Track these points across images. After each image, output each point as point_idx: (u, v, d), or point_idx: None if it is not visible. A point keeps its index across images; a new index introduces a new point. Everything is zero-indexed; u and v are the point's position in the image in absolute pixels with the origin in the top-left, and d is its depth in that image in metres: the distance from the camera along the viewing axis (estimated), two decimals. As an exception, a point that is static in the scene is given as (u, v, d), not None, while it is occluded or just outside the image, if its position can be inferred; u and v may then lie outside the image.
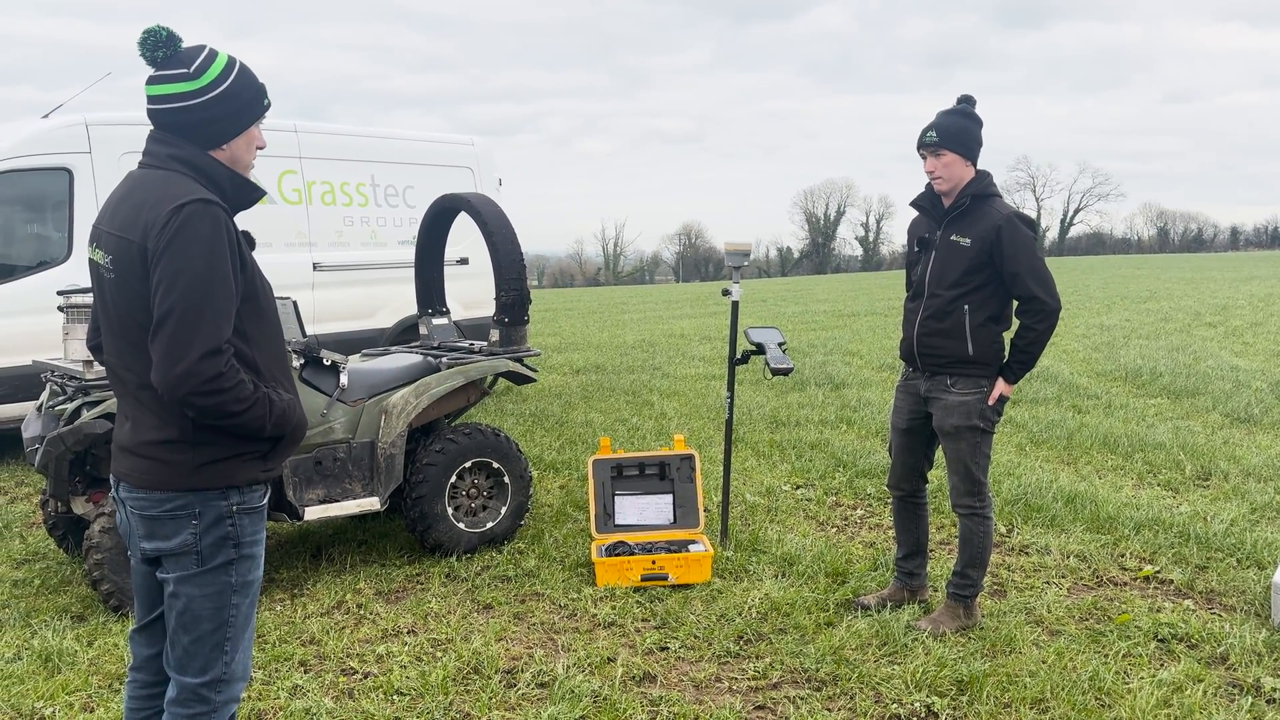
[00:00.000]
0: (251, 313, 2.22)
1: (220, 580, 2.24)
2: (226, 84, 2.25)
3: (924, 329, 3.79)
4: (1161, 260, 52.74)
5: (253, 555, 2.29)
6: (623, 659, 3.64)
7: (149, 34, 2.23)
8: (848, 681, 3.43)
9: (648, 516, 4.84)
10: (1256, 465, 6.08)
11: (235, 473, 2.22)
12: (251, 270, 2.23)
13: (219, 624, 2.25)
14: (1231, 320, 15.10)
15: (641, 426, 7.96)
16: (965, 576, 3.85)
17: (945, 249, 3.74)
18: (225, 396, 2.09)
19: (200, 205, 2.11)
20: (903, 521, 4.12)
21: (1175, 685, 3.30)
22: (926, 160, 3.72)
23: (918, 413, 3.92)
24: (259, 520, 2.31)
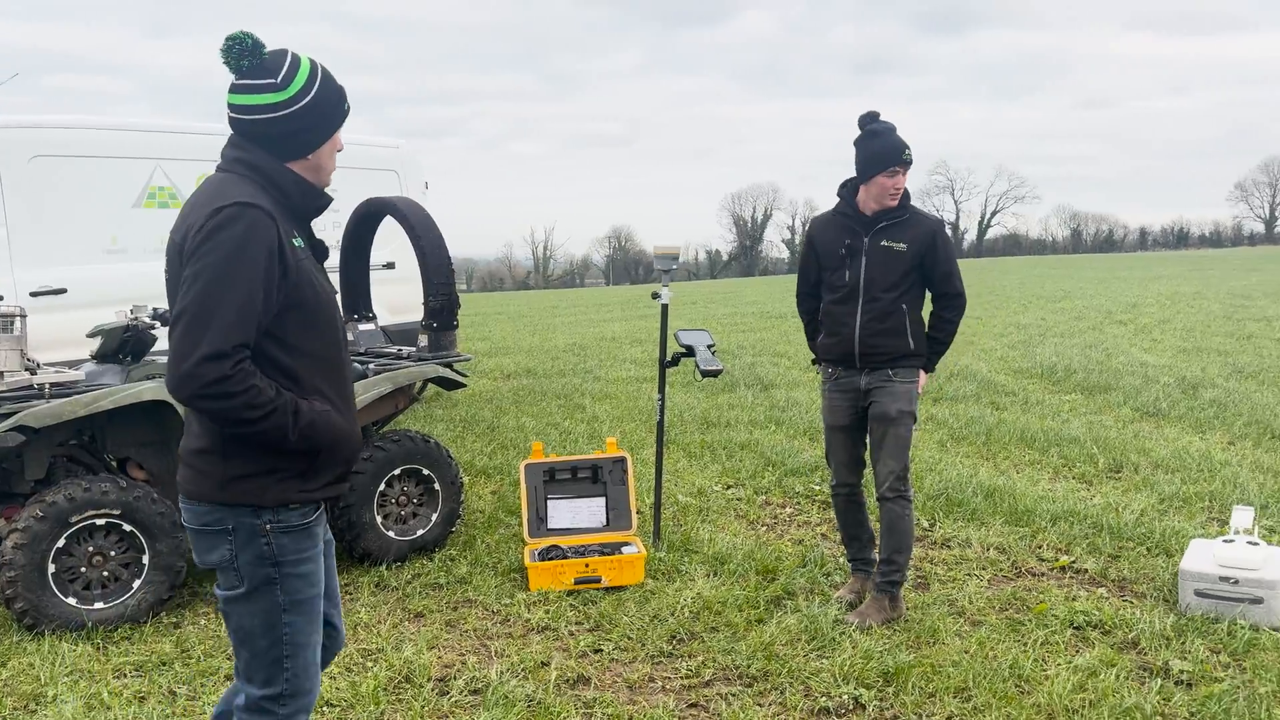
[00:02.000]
0: (297, 321, 2.15)
1: (267, 600, 2.18)
2: (312, 94, 2.19)
3: (867, 330, 3.96)
4: (1075, 260, 54.58)
5: (301, 574, 2.21)
6: (556, 662, 3.65)
7: (234, 41, 2.16)
8: (778, 677, 3.49)
9: (581, 520, 4.85)
10: (1164, 457, 6.35)
11: (265, 491, 2.14)
12: (301, 279, 2.15)
13: (273, 641, 2.20)
14: (1141, 318, 15.71)
15: (574, 430, 7.96)
16: (892, 563, 3.98)
17: (878, 254, 3.94)
18: (234, 401, 2.01)
19: (238, 209, 2.06)
20: (852, 517, 4.25)
21: (1090, 670, 3.43)
22: (895, 177, 3.89)
23: (858, 408, 4.08)
24: (304, 537, 2.21)
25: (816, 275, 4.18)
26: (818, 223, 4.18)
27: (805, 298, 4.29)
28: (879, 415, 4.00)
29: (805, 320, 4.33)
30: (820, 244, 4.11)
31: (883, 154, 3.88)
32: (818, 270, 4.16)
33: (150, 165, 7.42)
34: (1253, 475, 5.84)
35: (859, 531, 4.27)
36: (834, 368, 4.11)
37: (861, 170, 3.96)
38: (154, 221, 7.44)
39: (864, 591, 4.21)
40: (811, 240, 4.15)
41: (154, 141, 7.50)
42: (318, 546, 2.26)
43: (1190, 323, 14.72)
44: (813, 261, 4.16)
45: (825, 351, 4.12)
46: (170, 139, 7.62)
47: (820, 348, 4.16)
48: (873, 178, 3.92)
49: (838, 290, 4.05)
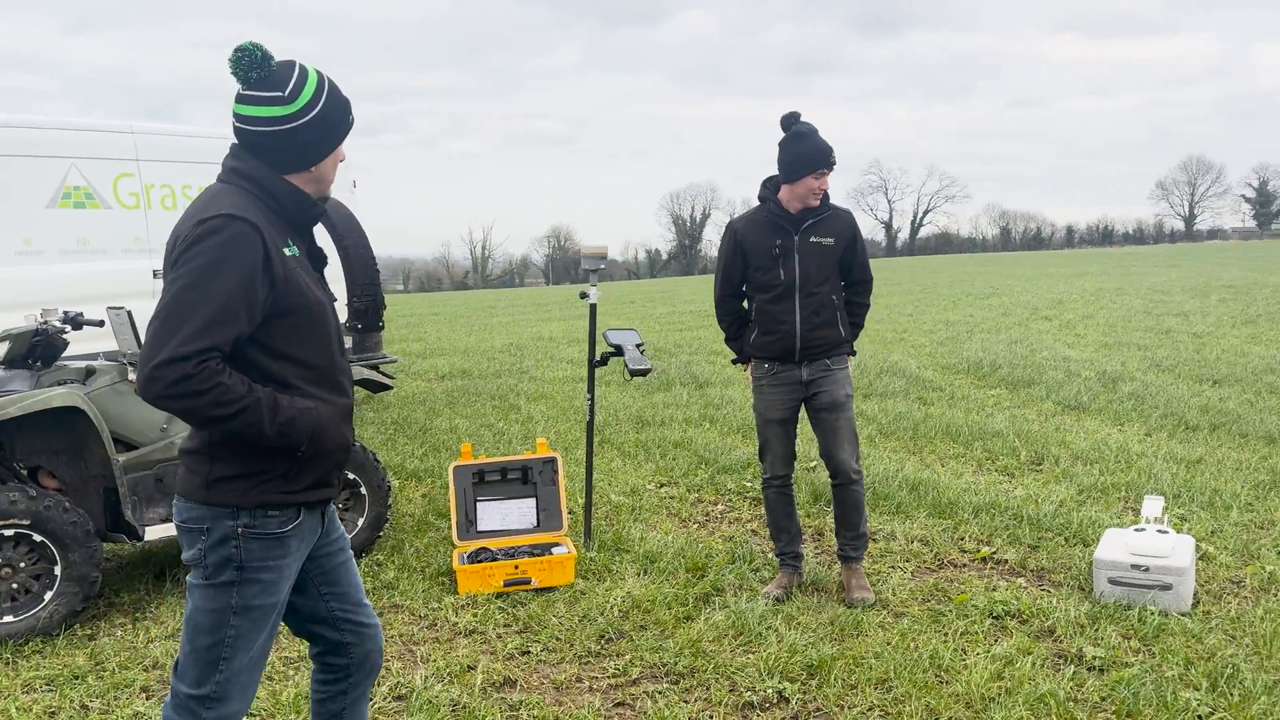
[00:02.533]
0: (288, 329, 2.16)
1: (221, 598, 2.19)
2: (319, 106, 2.21)
3: (807, 325, 4.09)
4: (1004, 258, 55.89)
5: (259, 580, 2.20)
6: (482, 666, 3.62)
7: (244, 53, 2.17)
8: (704, 673, 3.52)
9: (511, 521, 4.83)
10: (1084, 449, 6.54)
11: (246, 493, 2.16)
12: (291, 287, 2.15)
13: (216, 640, 2.20)
14: (1065, 314, 16.15)
15: (507, 431, 7.92)
16: (862, 535, 4.26)
17: (808, 251, 4.08)
18: (201, 400, 2.02)
19: (222, 220, 2.08)
20: (784, 509, 4.33)
21: (1007, 659, 3.52)
22: (820, 179, 4.01)
23: (797, 401, 4.20)
24: (274, 547, 2.20)
25: (742, 276, 4.23)
26: (743, 224, 4.22)
27: (729, 299, 4.33)
28: (829, 404, 4.13)
29: (728, 321, 4.36)
30: (749, 244, 4.15)
31: (812, 156, 3.98)
32: (743, 271, 4.21)
33: (65, 164, 7.20)
34: (1166, 465, 6.04)
35: (789, 524, 4.34)
36: (771, 363, 4.17)
37: (789, 171, 4.03)
38: (69, 222, 7.22)
39: (791, 587, 4.26)
40: (739, 242, 4.19)
41: (69, 140, 7.28)
42: (287, 557, 2.24)
43: (1112, 318, 15.17)
44: (739, 262, 4.21)
45: (762, 349, 4.17)
46: (87, 137, 7.40)
47: (756, 346, 4.20)
48: (801, 179, 4.01)
49: (772, 289, 4.10)
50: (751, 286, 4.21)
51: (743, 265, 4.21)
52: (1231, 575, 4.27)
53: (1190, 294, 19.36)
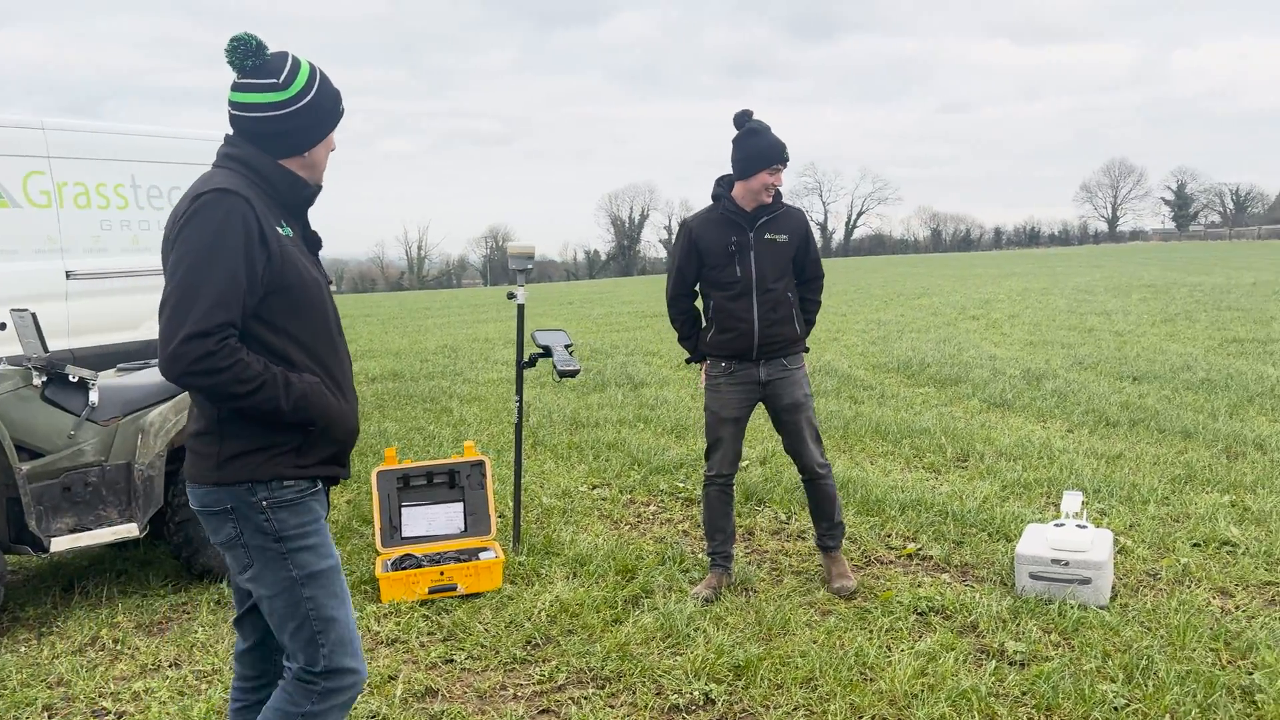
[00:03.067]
0: (286, 305, 2.20)
1: (281, 576, 2.22)
2: (312, 94, 2.28)
3: (765, 322, 4.10)
4: (935, 259, 56.99)
5: (308, 546, 2.25)
6: (404, 675, 3.54)
7: (239, 42, 2.24)
8: (631, 677, 3.48)
9: (437, 527, 4.73)
10: (1008, 446, 6.65)
11: (259, 468, 2.19)
12: (287, 263, 2.19)
13: (301, 620, 2.24)
14: (992, 313, 16.49)
15: (438, 434, 7.80)
16: (839, 524, 4.35)
17: (763, 248, 4.10)
18: (222, 377, 2.07)
19: (216, 194, 2.13)
20: (723, 509, 4.32)
21: (931, 655, 3.54)
22: (775, 175, 4.05)
23: (753, 400, 4.22)
24: (303, 511, 2.25)
25: (696, 274, 4.23)
26: (698, 222, 4.21)
27: (682, 297, 4.32)
28: (790, 405, 4.18)
29: (681, 320, 4.34)
30: (704, 242, 4.15)
31: (766, 152, 4.01)
32: (698, 269, 4.20)
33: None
34: (1087, 461, 6.18)
35: (725, 524, 4.33)
36: (729, 361, 4.18)
37: (744, 167, 4.05)
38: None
39: (720, 587, 4.25)
40: (694, 240, 4.17)
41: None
42: (319, 520, 2.29)
43: (1037, 317, 15.53)
44: (694, 261, 4.20)
45: (720, 347, 4.17)
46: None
47: (713, 344, 4.20)
48: (755, 174, 4.03)
49: (729, 287, 4.11)
50: (707, 284, 4.21)
51: (698, 263, 4.20)
52: (1148, 568, 4.37)
53: (1112, 293, 19.93)
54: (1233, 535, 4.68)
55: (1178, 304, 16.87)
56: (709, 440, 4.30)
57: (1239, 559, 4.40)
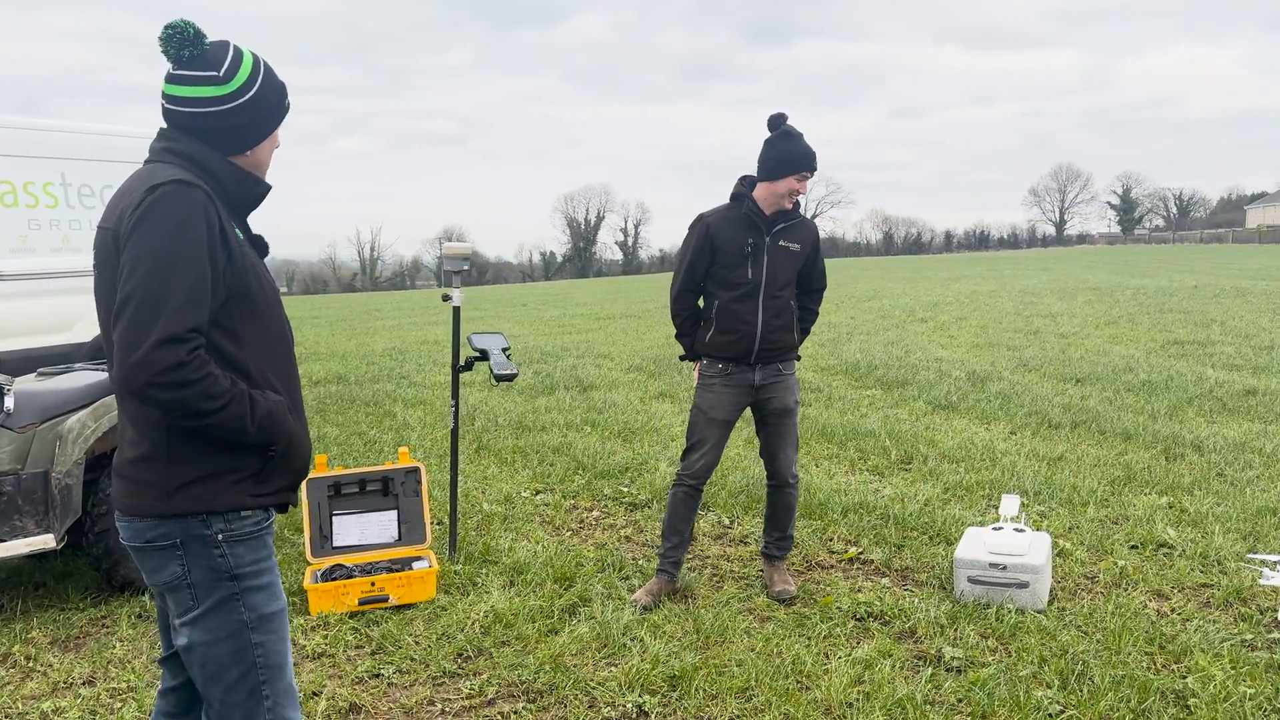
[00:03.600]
0: (243, 311, 2.01)
1: (230, 619, 2.01)
2: (255, 88, 2.10)
3: (769, 327, 4.09)
4: (887, 262, 57.62)
5: (261, 585, 2.05)
6: (328, 691, 3.41)
7: (174, 30, 2.04)
8: (564, 689, 3.39)
9: (370, 536, 4.61)
10: (951, 448, 6.67)
11: (217, 496, 1.98)
12: (246, 267, 2.02)
13: (246, 668, 2.03)
14: (940, 316, 16.64)
15: (380, 439, 7.64)
16: (789, 537, 4.38)
17: (777, 254, 4.09)
18: (191, 390, 1.86)
19: (176, 186, 1.93)
20: (687, 512, 4.25)
21: (867, 662, 3.50)
22: (802, 182, 4.03)
23: (744, 403, 4.21)
24: (260, 546, 2.06)
25: (706, 271, 4.16)
26: (716, 219, 4.13)
27: (688, 294, 4.24)
28: (780, 410, 4.20)
29: (684, 316, 4.26)
30: (721, 240, 4.09)
31: (799, 158, 3.99)
32: (709, 266, 4.13)
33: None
34: (1028, 463, 6.22)
35: (685, 528, 4.25)
36: (726, 363, 4.14)
37: (773, 170, 4.01)
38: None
39: (661, 595, 4.18)
40: (711, 236, 4.10)
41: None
42: (273, 557, 2.11)
43: (984, 320, 15.70)
44: (706, 257, 4.13)
45: (720, 349, 4.13)
46: None
47: (713, 344, 4.14)
48: (784, 178, 4.00)
49: (737, 288, 4.07)
50: (714, 283, 4.14)
51: (709, 260, 4.13)
52: (1086, 571, 4.39)
53: (1058, 296, 20.25)
54: (1170, 537, 4.72)
55: (1121, 306, 17.18)
56: (691, 440, 4.23)
57: (1175, 561, 4.43)
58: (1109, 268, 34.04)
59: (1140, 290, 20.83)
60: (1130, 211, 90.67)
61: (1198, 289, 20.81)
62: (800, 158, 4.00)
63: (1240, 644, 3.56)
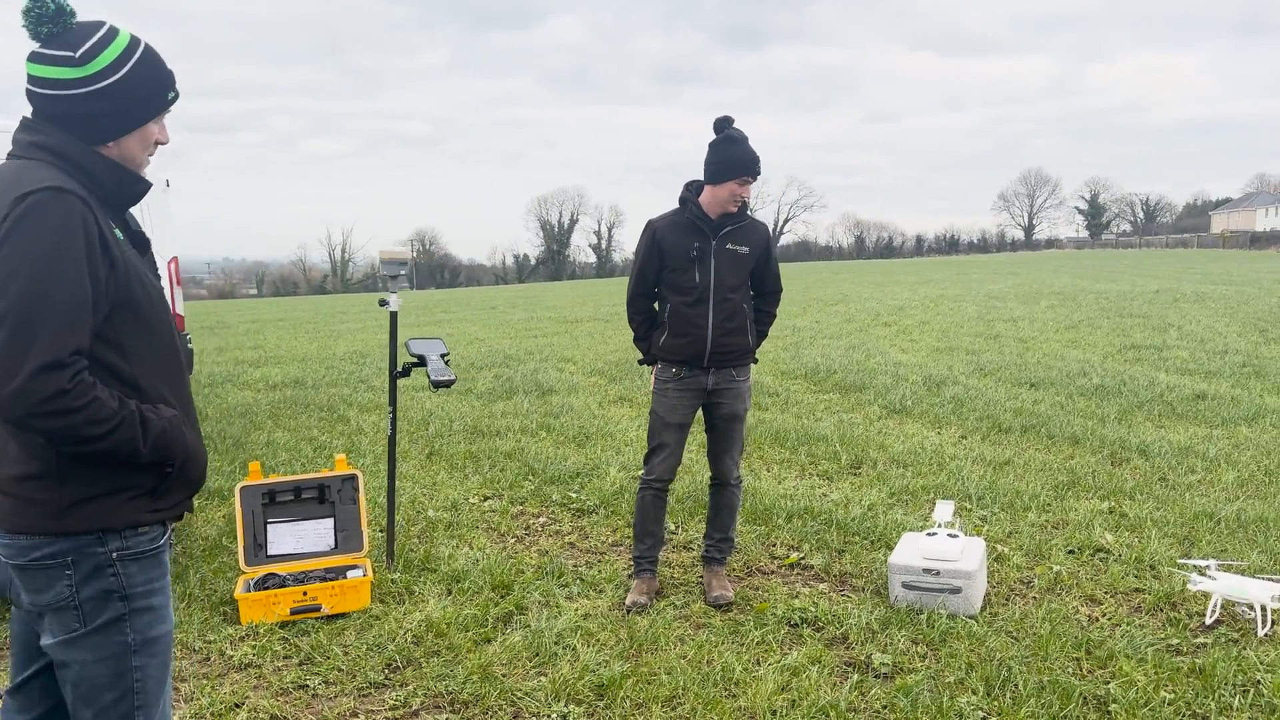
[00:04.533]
0: (130, 322, 1.91)
1: (114, 641, 1.93)
2: (119, 75, 1.93)
3: (719, 330, 4.11)
4: (858, 265, 57.95)
5: (151, 607, 1.98)
6: (251, 703, 3.36)
7: (34, 3, 1.88)
8: (489, 700, 3.36)
9: (306, 544, 4.54)
10: (900, 452, 6.70)
11: (113, 514, 1.90)
12: (130, 274, 1.90)
13: (123, 692, 1.94)
14: (904, 320, 16.74)
15: (330, 445, 7.56)
16: (730, 540, 4.40)
17: (724, 257, 4.10)
18: (76, 418, 1.77)
19: (49, 194, 1.79)
20: (657, 513, 4.30)
21: (795, 669, 3.49)
22: (744, 186, 4.03)
23: (697, 407, 4.24)
24: (154, 565, 1.98)
25: (657, 276, 4.20)
26: (662, 224, 4.18)
27: (641, 298, 4.30)
28: (728, 415, 4.23)
29: (639, 320, 4.31)
30: (667, 245, 4.13)
31: (740, 162, 4.00)
32: (659, 271, 4.18)
33: None
34: (975, 467, 6.25)
35: (657, 529, 4.32)
36: (679, 367, 4.17)
37: (716, 174, 4.03)
38: None
39: (653, 593, 4.23)
40: (658, 241, 4.15)
41: None
42: (167, 576, 2.03)
43: (946, 324, 15.81)
44: (655, 262, 4.18)
45: (673, 352, 4.15)
46: None
47: (666, 348, 4.17)
48: (725, 182, 4.02)
49: (687, 292, 4.10)
50: (666, 288, 4.19)
51: (659, 265, 4.18)
52: (1022, 576, 4.41)
53: (1022, 300, 20.43)
54: (1107, 542, 4.76)
55: (1083, 311, 17.36)
56: (652, 444, 4.27)
57: (1110, 566, 4.46)
58: (1075, 272, 34.43)
59: (1102, 295, 21.07)
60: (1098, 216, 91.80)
61: (1159, 293, 21.08)
62: (743, 162, 4.02)
63: (1166, 649, 3.59)
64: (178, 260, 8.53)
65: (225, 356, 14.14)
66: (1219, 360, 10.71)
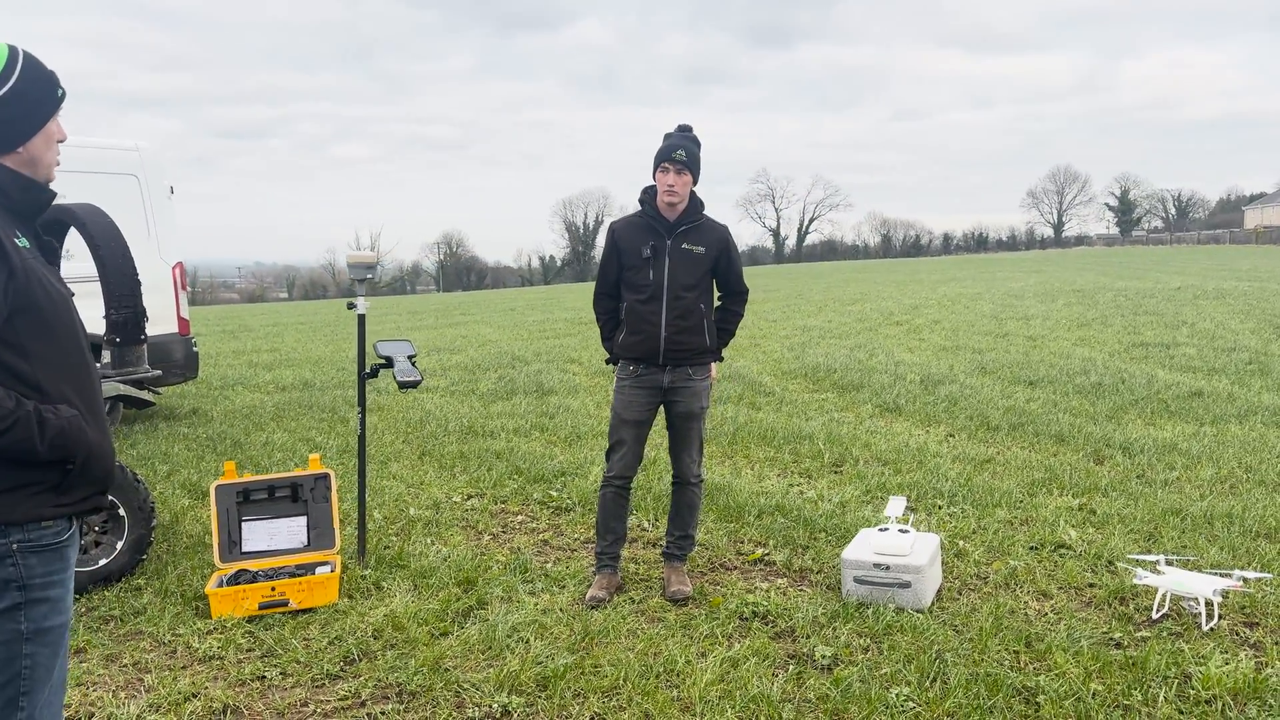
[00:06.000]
0: (31, 326, 1.99)
1: (7, 629, 1.99)
2: (10, 84, 2.03)
3: (673, 328, 4.20)
4: (883, 265, 57.61)
5: (47, 599, 2.04)
6: (207, 694, 3.48)
7: None
8: (436, 690, 3.46)
9: (279, 541, 4.68)
10: (884, 451, 6.73)
11: (15, 508, 1.98)
12: (30, 280, 1.99)
13: (10, 676, 2.01)
14: (916, 319, 16.69)
15: (326, 445, 7.72)
16: (689, 537, 4.48)
17: (679, 256, 4.21)
18: None
19: None
20: (619, 510, 4.40)
21: (736, 660, 3.56)
22: (668, 174, 4.13)
23: (655, 404, 4.33)
24: (56, 559, 2.06)
25: (617, 275, 4.34)
26: (620, 225, 4.35)
27: (604, 297, 4.44)
28: (684, 413, 4.31)
29: (604, 320, 4.46)
30: (624, 245, 4.27)
31: (662, 152, 4.17)
32: (618, 270, 4.31)
33: None
34: (954, 465, 6.27)
35: (618, 525, 4.41)
36: (635, 364, 4.28)
37: (653, 168, 4.19)
38: None
39: (613, 588, 4.32)
40: (615, 241, 4.31)
41: None
42: (68, 570, 2.09)
43: (958, 323, 15.74)
44: (614, 262, 4.32)
45: (629, 349, 4.26)
46: None
47: (623, 346, 4.29)
48: (656, 174, 4.18)
49: (642, 290, 4.22)
50: (625, 287, 4.32)
51: (618, 265, 4.31)
52: (979, 571, 4.44)
53: (1040, 299, 20.28)
54: (1070, 538, 4.78)
55: (1099, 309, 17.21)
56: (611, 440, 4.39)
57: (1067, 562, 4.49)
58: (1100, 270, 34.04)
59: (1122, 293, 20.85)
60: (1128, 213, 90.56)
61: (1180, 290, 20.83)
62: (663, 151, 4.17)
63: (1106, 642, 3.62)
64: (182, 265, 8.75)
65: (241, 359, 14.41)
66: (1225, 358, 10.61)
